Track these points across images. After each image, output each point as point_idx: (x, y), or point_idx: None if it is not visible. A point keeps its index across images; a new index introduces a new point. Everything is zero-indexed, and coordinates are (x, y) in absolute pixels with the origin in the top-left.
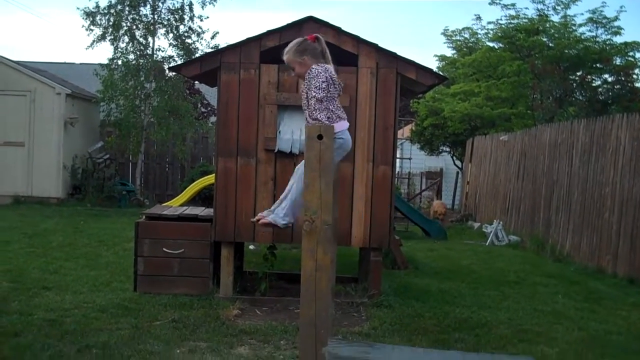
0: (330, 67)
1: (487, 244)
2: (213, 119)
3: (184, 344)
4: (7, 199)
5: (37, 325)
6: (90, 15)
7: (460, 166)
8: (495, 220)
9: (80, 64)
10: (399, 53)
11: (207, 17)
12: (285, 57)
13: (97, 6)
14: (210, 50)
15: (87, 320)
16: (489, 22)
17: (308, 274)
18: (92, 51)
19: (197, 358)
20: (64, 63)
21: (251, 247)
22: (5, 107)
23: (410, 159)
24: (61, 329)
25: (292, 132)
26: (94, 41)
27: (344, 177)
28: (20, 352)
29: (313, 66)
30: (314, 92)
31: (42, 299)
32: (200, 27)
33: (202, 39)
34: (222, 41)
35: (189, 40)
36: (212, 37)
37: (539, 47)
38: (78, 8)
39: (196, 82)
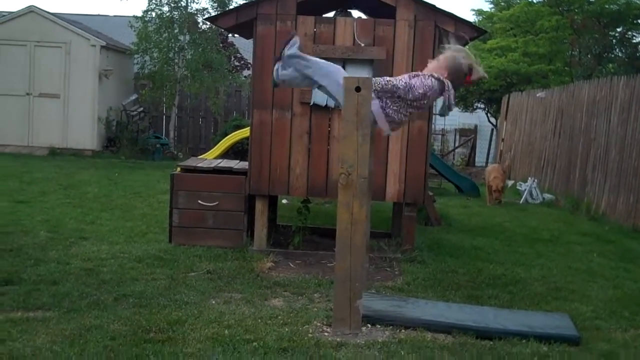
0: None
1: (521, 202)
2: (246, 72)
3: (218, 295)
4: (43, 150)
5: (74, 274)
6: None
7: (494, 123)
8: (529, 178)
9: (114, 16)
10: (437, 5)
11: None
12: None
13: None
14: (244, 1)
15: (123, 270)
16: None
17: (343, 227)
18: (126, 3)
19: (232, 309)
20: (99, 15)
21: (284, 201)
22: (41, 58)
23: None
24: (98, 278)
25: None
26: None
27: (379, 131)
28: (59, 299)
29: (448, 82)
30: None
31: (79, 249)
32: None
33: None
34: None
35: None
36: None
37: (579, 1)
38: None
39: (230, 34)
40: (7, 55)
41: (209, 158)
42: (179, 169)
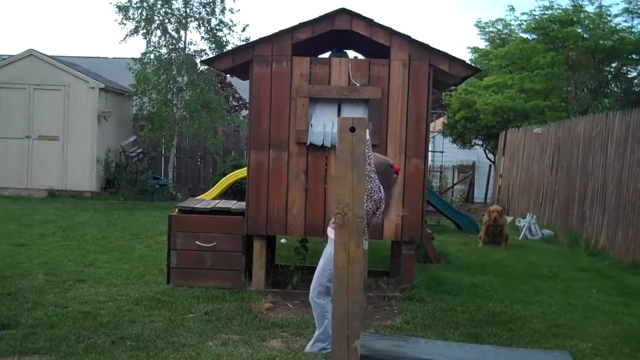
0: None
1: (520, 238)
2: (244, 112)
3: (216, 337)
4: (42, 192)
5: (72, 317)
6: (123, 9)
7: (492, 159)
8: (528, 214)
9: (113, 58)
10: (431, 45)
11: (238, 10)
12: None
13: (130, 0)
14: (241, 43)
15: (121, 313)
16: (523, 13)
17: (340, 267)
18: (124, 45)
19: (230, 350)
20: (97, 57)
21: (282, 240)
22: (41, 101)
23: (442, 152)
24: (96, 321)
25: (323, 125)
26: (126, 35)
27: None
28: (56, 343)
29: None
30: None
31: (77, 292)
32: (231, 20)
33: (233, 32)
34: (253, 34)
35: (220, 34)
36: (243, 30)
37: (574, 38)
38: (111, 2)
39: (228, 75)
40: (7, 99)
41: (208, 198)
42: (176, 210)
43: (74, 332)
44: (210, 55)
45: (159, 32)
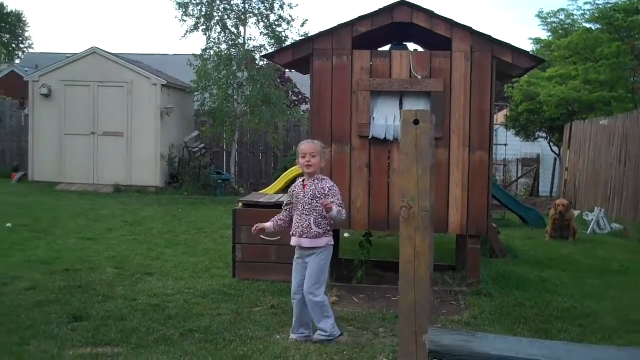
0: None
1: (588, 232)
2: (304, 107)
3: (283, 330)
4: (108, 188)
5: (141, 309)
6: (183, 6)
7: (557, 152)
8: (596, 208)
9: (174, 55)
10: (493, 36)
11: (297, 5)
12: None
13: None
14: (300, 38)
15: (189, 306)
16: (586, 3)
17: (406, 260)
18: (185, 42)
19: (297, 344)
20: (159, 54)
21: (346, 234)
22: (105, 98)
23: (505, 145)
24: (164, 314)
25: (385, 118)
26: (187, 32)
27: (439, 163)
28: (127, 335)
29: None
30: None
31: (146, 285)
32: (290, 16)
33: (292, 27)
34: (312, 29)
35: (279, 29)
36: (302, 25)
37: (639, 27)
38: (171, 0)
39: (287, 70)
40: (72, 96)
41: (270, 193)
42: (240, 204)
43: (143, 325)
44: (270, 51)
45: (218, 28)
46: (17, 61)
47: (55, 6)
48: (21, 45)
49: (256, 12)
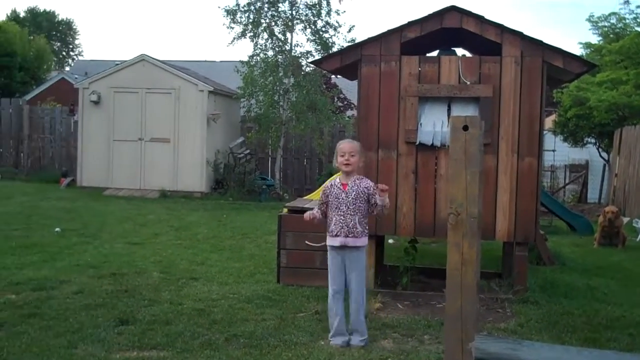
0: None
1: (637, 239)
2: (350, 112)
3: (327, 336)
4: (154, 193)
5: (186, 314)
6: (231, 13)
7: (606, 158)
8: None
9: (221, 61)
10: (543, 40)
11: (344, 12)
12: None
13: (238, 4)
14: (347, 44)
15: (234, 311)
16: (638, 6)
17: (453, 267)
18: (232, 48)
19: (342, 350)
20: (206, 61)
21: (390, 241)
22: (152, 104)
23: (554, 151)
24: (209, 318)
25: (433, 124)
26: (234, 38)
27: (487, 169)
28: (172, 339)
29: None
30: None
31: (191, 289)
32: (337, 22)
33: (339, 32)
34: (359, 35)
35: (326, 35)
36: (349, 31)
37: None
38: (219, 7)
39: (332, 76)
40: (121, 102)
41: (315, 199)
42: (286, 210)
43: (189, 329)
44: (316, 57)
45: (265, 35)
46: (67, 68)
47: (105, 14)
48: (71, 53)
49: (303, 18)
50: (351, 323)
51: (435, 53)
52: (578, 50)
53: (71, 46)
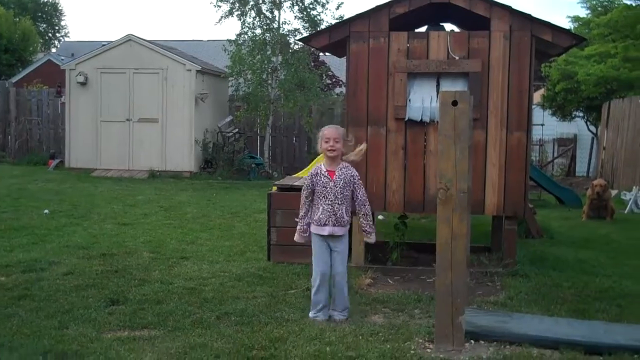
0: None
1: (625, 211)
2: (338, 90)
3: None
4: (143, 173)
5: (177, 293)
6: None
7: (594, 132)
8: (634, 187)
9: (208, 40)
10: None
11: None
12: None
13: None
14: (335, 21)
15: (225, 289)
16: None
17: (444, 242)
18: (219, 27)
19: (333, 326)
20: (193, 40)
21: (380, 217)
22: (140, 85)
23: (542, 125)
24: (200, 297)
25: (422, 100)
26: (221, 17)
27: (476, 144)
28: (163, 318)
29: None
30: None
31: (181, 269)
32: None
33: (327, 9)
34: (347, 11)
35: (314, 12)
36: (337, 8)
37: None
38: None
39: (321, 53)
40: (108, 83)
41: (304, 176)
42: (275, 188)
43: (180, 308)
44: (304, 34)
45: (253, 13)
46: (53, 50)
47: None
48: (57, 34)
49: None
50: (335, 302)
51: (424, 29)
52: (566, 24)
53: (57, 27)
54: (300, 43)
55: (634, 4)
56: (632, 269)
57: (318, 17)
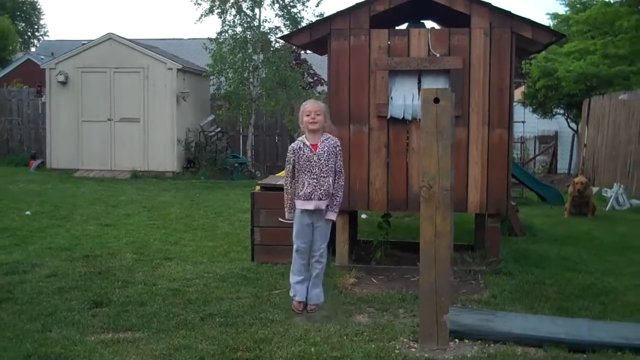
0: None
1: (607, 208)
2: (320, 88)
3: (303, 312)
4: (125, 173)
5: (161, 294)
6: None
7: (575, 129)
8: (615, 184)
9: (189, 39)
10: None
11: None
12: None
13: None
14: (316, 18)
15: (209, 290)
16: None
17: (427, 240)
18: (200, 25)
19: (317, 326)
20: (174, 39)
21: (363, 216)
22: (121, 84)
23: (523, 122)
24: (184, 298)
25: (404, 98)
26: (202, 15)
27: (458, 141)
28: (147, 320)
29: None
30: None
31: (165, 269)
32: None
33: (307, 7)
34: (327, 9)
35: (294, 10)
36: (317, 5)
37: None
38: None
39: (302, 51)
40: (89, 83)
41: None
42: (258, 187)
43: (164, 309)
44: (285, 32)
45: (233, 11)
46: (33, 49)
47: None
48: (36, 34)
49: None
50: (312, 281)
51: (404, 26)
52: (545, 21)
53: (36, 26)
54: (281, 41)
55: (612, 1)
56: (613, 266)
57: (298, 14)
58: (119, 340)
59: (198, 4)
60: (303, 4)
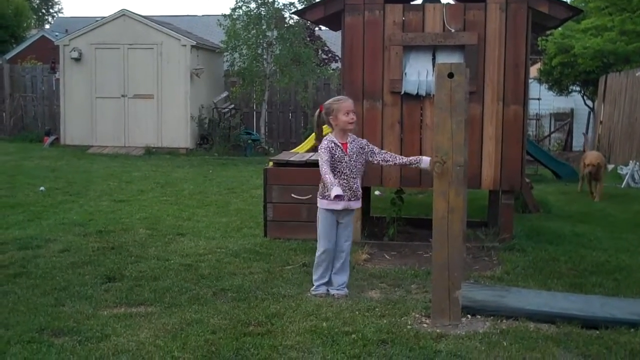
0: None
1: (622, 186)
2: (334, 65)
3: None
4: (139, 150)
5: (174, 269)
6: None
7: (591, 106)
8: (631, 162)
9: (203, 15)
10: None
11: None
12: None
13: None
14: None
15: (221, 265)
16: None
17: (440, 216)
18: (214, 2)
19: (329, 301)
20: (188, 15)
21: (377, 192)
22: (135, 60)
23: (538, 99)
24: (197, 273)
25: (418, 74)
26: None
27: (472, 117)
28: (160, 295)
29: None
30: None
31: (178, 245)
32: None
33: None
34: None
35: None
36: None
37: None
38: None
39: (316, 28)
40: (103, 59)
41: (300, 152)
42: (271, 163)
43: (176, 284)
44: (299, 8)
45: None
46: (47, 26)
47: None
48: (51, 10)
49: None
50: (336, 277)
51: (419, 1)
52: None
53: (50, 3)
54: (296, 17)
55: None
56: (628, 243)
57: None
58: (132, 315)
59: None
60: None
